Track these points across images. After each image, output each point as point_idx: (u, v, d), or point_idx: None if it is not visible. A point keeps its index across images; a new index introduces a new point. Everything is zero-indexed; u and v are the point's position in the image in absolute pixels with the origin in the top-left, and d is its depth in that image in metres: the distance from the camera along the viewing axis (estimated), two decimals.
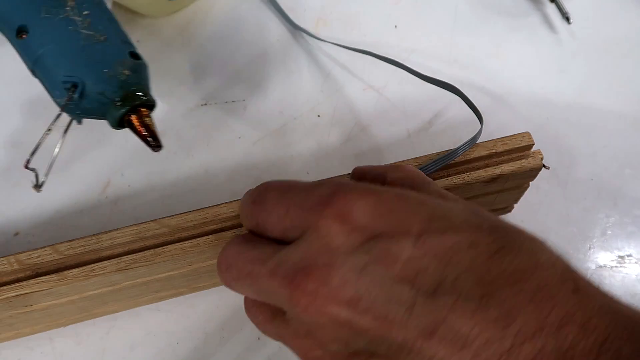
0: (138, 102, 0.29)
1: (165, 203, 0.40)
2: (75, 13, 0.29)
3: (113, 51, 0.30)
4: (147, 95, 0.30)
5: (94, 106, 0.29)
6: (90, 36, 0.29)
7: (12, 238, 0.38)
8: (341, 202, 0.21)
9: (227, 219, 0.32)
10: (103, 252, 0.31)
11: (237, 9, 0.49)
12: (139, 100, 0.29)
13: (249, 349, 0.35)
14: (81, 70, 0.28)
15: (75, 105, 0.29)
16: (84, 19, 0.29)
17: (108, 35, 0.30)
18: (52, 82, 0.29)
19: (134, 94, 0.29)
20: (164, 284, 0.33)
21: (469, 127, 0.42)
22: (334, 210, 0.21)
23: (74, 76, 0.28)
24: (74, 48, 0.29)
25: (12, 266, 0.30)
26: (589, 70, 0.45)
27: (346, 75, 0.45)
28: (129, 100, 0.29)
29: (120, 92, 0.29)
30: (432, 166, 0.32)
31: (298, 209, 0.22)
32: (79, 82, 0.28)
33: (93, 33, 0.29)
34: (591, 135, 0.42)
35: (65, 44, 0.29)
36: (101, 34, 0.29)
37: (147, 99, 0.30)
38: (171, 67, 0.46)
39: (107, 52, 0.29)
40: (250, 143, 0.42)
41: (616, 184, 0.40)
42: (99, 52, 0.29)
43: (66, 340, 0.35)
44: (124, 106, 0.29)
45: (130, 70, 0.29)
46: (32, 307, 0.31)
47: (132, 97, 0.29)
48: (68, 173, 0.41)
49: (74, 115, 0.30)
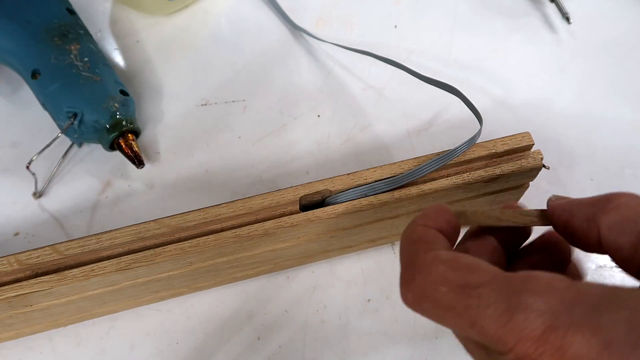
0: (125, 129, 0.38)
1: (165, 203, 0.40)
2: (78, 59, 0.38)
3: (106, 89, 0.38)
4: (132, 124, 0.39)
5: (90, 131, 0.38)
6: (89, 77, 0.38)
7: (12, 238, 0.38)
8: (567, 339, 0.17)
9: (227, 219, 0.32)
10: (103, 252, 0.31)
11: (237, 9, 0.49)
12: (126, 127, 0.38)
13: (249, 349, 0.35)
14: (81, 103, 0.37)
15: (74, 130, 0.37)
16: (84, 64, 0.38)
17: (103, 76, 0.39)
18: (58, 112, 0.38)
19: (122, 123, 0.38)
20: (164, 284, 0.33)
21: (469, 127, 0.42)
22: (551, 351, 0.17)
23: (75, 107, 0.37)
24: (76, 86, 0.37)
25: (12, 266, 0.30)
26: (589, 70, 0.45)
27: (346, 75, 0.45)
28: (118, 128, 0.38)
29: (111, 121, 0.37)
30: (432, 165, 0.32)
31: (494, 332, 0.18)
32: (78, 112, 0.37)
33: (91, 75, 0.38)
34: (591, 135, 0.42)
35: (69, 83, 0.37)
36: (97, 75, 0.38)
37: (132, 126, 0.39)
38: (171, 67, 0.46)
39: (101, 89, 0.38)
40: (250, 143, 0.42)
41: (616, 184, 0.40)
42: (95, 90, 0.38)
43: (66, 340, 0.35)
44: (114, 132, 0.38)
45: (120, 104, 0.38)
46: (32, 307, 0.31)
47: (120, 125, 0.38)
48: (68, 173, 0.41)
49: (73, 138, 0.39)
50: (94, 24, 0.47)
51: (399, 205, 0.32)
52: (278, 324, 0.36)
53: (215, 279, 0.35)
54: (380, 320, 0.36)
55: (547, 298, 0.17)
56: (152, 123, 0.43)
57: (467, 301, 0.19)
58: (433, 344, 0.35)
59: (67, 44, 0.39)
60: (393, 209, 0.33)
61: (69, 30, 0.40)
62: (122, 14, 0.48)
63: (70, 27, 0.40)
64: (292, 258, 0.36)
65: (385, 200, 0.32)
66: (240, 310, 0.36)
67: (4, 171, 0.40)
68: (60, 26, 0.39)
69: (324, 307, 0.36)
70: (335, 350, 0.35)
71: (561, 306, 0.17)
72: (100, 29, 0.47)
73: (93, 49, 0.40)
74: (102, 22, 0.48)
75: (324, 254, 0.37)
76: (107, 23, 0.48)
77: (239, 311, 0.36)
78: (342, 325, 0.36)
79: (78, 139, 0.39)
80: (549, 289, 0.18)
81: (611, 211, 0.20)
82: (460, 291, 0.19)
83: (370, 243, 0.37)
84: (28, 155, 0.38)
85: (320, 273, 0.37)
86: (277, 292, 0.37)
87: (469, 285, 0.19)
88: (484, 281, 0.19)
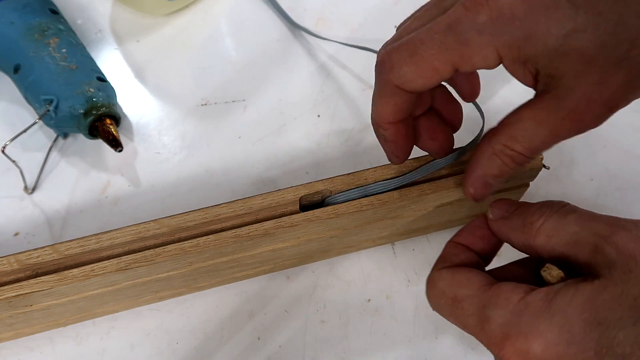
0: (101, 112, 0.39)
1: (165, 203, 0.40)
2: (56, 51, 0.40)
3: (82, 76, 0.40)
4: (108, 108, 0.39)
5: (67, 117, 0.38)
6: (66, 66, 0.39)
7: (12, 238, 0.38)
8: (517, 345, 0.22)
9: (227, 219, 0.32)
10: (103, 252, 0.31)
11: (237, 8, 0.49)
12: (101, 111, 0.39)
13: (249, 349, 0.35)
14: (55, 90, 0.38)
15: (51, 117, 0.39)
16: (62, 55, 0.40)
17: (79, 65, 0.40)
18: (36, 101, 0.39)
19: (97, 106, 0.39)
20: (164, 284, 0.33)
21: (469, 127, 0.42)
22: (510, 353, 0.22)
23: (51, 94, 0.38)
24: (52, 75, 0.39)
25: (12, 266, 0.30)
26: None
27: (346, 75, 0.45)
28: (94, 111, 0.38)
29: (86, 105, 0.38)
30: (437, 165, 0.32)
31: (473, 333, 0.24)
32: (54, 98, 0.38)
33: (68, 64, 0.40)
34: (591, 135, 0.42)
35: (45, 73, 0.39)
36: (74, 64, 0.40)
37: (108, 110, 0.39)
38: (171, 67, 0.46)
39: (77, 76, 0.39)
40: (250, 143, 0.42)
41: (616, 184, 0.40)
42: (71, 77, 0.39)
43: (66, 340, 0.35)
44: (90, 116, 0.38)
45: (96, 89, 0.39)
46: (32, 307, 0.31)
47: (96, 108, 0.39)
48: (68, 173, 0.41)
49: (51, 125, 0.40)
50: (94, 24, 0.48)
51: (399, 205, 0.32)
52: (278, 324, 0.36)
53: (215, 279, 0.35)
54: (380, 320, 0.36)
55: (503, 311, 0.22)
56: (152, 123, 0.43)
57: (457, 311, 0.24)
58: (433, 344, 0.35)
59: (47, 38, 0.40)
60: (393, 209, 0.33)
61: (49, 26, 0.41)
62: (122, 14, 0.48)
63: (50, 24, 0.41)
64: (292, 258, 0.36)
65: (385, 200, 0.32)
66: (240, 310, 0.36)
67: (4, 171, 0.40)
68: (41, 24, 0.41)
69: (324, 307, 0.36)
70: (335, 350, 0.35)
71: (512, 317, 0.22)
72: (100, 29, 0.47)
73: (72, 42, 0.42)
74: (102, 22, 0.48)
75: (324, 254, 0.37)
76: (107, 23, 0.48)
77: (239, 311, 0.36)
78: (342, 325, 0.36)
79: (56, 125, 0.39)
80: (506, 302, 0.23)
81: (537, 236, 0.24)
82: (452, 303, 0.24)
83: (370, 243, 0.37)
84: (24, 155, 0.38)
85: (320, 273, 0.37)
86: (277, 292, 0.37)
87: (457, 298, 0.24)
88: (467, 295, 0.24)
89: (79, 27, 0.47)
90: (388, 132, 0.28)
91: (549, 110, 0.24)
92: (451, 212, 0.35)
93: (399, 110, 0.27)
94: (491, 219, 0.27)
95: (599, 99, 0.23)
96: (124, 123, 0.43)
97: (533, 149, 0.25)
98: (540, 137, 0.25)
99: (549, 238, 0.24)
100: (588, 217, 0.24)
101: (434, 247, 0.38)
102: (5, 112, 0.43)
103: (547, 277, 0.23)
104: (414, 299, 0.36)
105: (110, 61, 0.46)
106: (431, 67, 0.24)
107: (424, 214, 0.34)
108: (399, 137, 0.28)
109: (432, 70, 0.24)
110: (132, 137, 0.43)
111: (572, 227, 0.23)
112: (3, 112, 0.43)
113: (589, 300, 0.21)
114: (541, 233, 0.24)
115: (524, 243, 0.25)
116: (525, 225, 0.25)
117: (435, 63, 0.24)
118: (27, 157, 0.41)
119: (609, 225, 0.23)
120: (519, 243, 0.26)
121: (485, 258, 0.28)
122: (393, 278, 0.37)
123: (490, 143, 0.26)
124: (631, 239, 0.22)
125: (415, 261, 0.37)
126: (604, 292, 0.21)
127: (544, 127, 0.24)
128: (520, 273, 0.26)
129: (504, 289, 0.23)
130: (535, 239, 0.24)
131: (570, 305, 0.21)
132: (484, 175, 0.27)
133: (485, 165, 0.26)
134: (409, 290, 0.37)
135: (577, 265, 0.23)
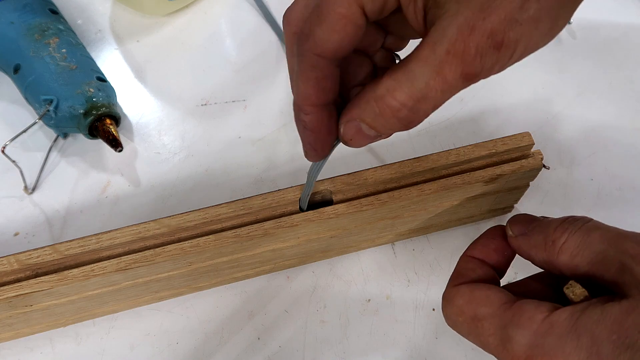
0: (101, 112, 0.39)
1: (165, 203, 0.40)
2: (56, 51, 0.40)
3: (82, 76, 0.40)
4: (108, 108, 0.39)
5: (66, 117, 0.38)
6: (65, 66, 0.39)
7: (12, 238, 0.38)
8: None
9: (227, 219, 0.32)
10: (103, 252, 0.31)
11: (237, 8, 0.49)
12: (101, 111, 0.39)
13: (249, 349, 0.35)
14: (55, 90, 0.38)
15: (51, 117, 0.39)
16: (62, 55, 0.40)
17: (79, 65, 0.40)
18: (36, 101, 0.39)
19: (97, 106, 0.39)
20: (164, 284, 0.33)
21: (469, 127, 0.42)
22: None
23: (51, 94, 0.38)
24: (52, 75, 0.39)
25: (12, 266, 0.30)
26: (589, 70, 0.45)
27: None
28: (94, 111, 0.38)
29: (86, 105, 0.38)
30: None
31: None
32: (54, 98, 0.38)
33: (67, 64, 0.40)
34: (591, 135, 0.42)
35: (45, 73, 0.39)
36: (74, 64, 0.40)
37: (108, 110, 0.39)
38: (171, 67, 0.46)
39: (77, 76, 0.39)
40: (250, 143, 0.42)
41: (616, 184, 0.40)
42: (70, 77, 0.39)
43: (66, 340, 0.35)
44: (89, 116, 0.38)
45: (95, 89, 0.39)
46: (32, 307, 0.31)
47: (96, 108, 0.39)
48: (68, 173, 0.41)
49: (50, 125, 0.40)
50: (94, 24, 0.48)
51: (399, 205, 0.32)
52: (278, 324, 0.36)
53: (215, 279, 0.35)
54: (380, 320, 0.36)
55: (526, 331, 0.22)
56: (152, 123, 0.43)
57: (477, 330, 0.24)
58: (433, 344, 0.35)
59: (46, 38, 0.40)
60: (393, 209, 0.33)
61: (49, 26, 0.41)
62: (122, 14, 0.48)
63: (50, 24, 0.41)
64: (292, 258, 0.36)
65: (385, 200, 0.32)
66: (240, 310, 0.36)
67: (4, 171, 0.40)
68: (41, 24, 0.41)
69: (324, 307, 0.36)
70: (335, 350, 0.35)
71: (536, 338, 0.21)
72: (100, 29, 0.47)
73: (72, 42, 0.42)
74: (102, 22, 0.48)
75: (324, 254, 0.37)
76: (107, 23, 0.48)
77: (239, 311, 0.36)
78: (342, 325, 0.36)
79: (56, 125, 0.40)
80: (530, 322, 0.22)
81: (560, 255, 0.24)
82: (471, 322, 0.24)
83: (370, 243, 0.37)
84: (24, 155, 0.38)
85: (320, 273, 0.37)
86: (277, 292, 0.37)
87: (476, 317, 0.24)
88: (487, 314, 0.23)
89: (79, 27, 0.47)
90: (309, 118, 0.24)
91: (432, 44, 0.20)
92: (451, 212, 0.35)
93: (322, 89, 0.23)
94: (511, 235, 0.26)
95: (481, 27, 0.20)
96: (124, 123, 0.43)
97: (417, 96, 0.21)
98: (424, 79, 0.21)
99: (573, 257, 0.23)
100: (614, 234, 0.23)
101: (434, 247, 0.38)
102: (5, 112, 0.43)
103: (571, 295, 0.22)
104: (413, 299, 0.36)
105: (110, 61, 0.46)
106: (338, 15, 0.21)
107: (424, 214, 0.34)
108: (321, 126, 0.25)
109: (341, 19, 0.21)
110: (132, 137, 0.43)
111: (597, 245, 0.22)
112: (3, 112, 0.43)
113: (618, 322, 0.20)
114: (564, 251, 0.23)
115: (546, 260, 0.24)
116: (547, 242, 0.24)
117: (339, 9, 0.21)
118: (27, 157, 0.41)
119: (637, 243, 0.22)
120: (540, 261, 0.25)
121: (499, 271, 0.27)
122: (393, 278, 0.37)
123: (374, 86, 0.22)
124: None
125: (415, 261, 0.37)
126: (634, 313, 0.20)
127: (428, 65, 0.20)
128: (539, 289, 0.26)
129: (527, 308, 0.22)
130: (558, 257, 0.23)
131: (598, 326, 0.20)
132: (358, 118, 0.23)
133: (362, 107, 0.23)
134: (409, 290, 0.37)
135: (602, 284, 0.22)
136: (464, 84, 0.21)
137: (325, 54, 0.22)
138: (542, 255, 0.24)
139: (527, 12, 0.20)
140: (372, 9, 0.21)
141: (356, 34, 0.22)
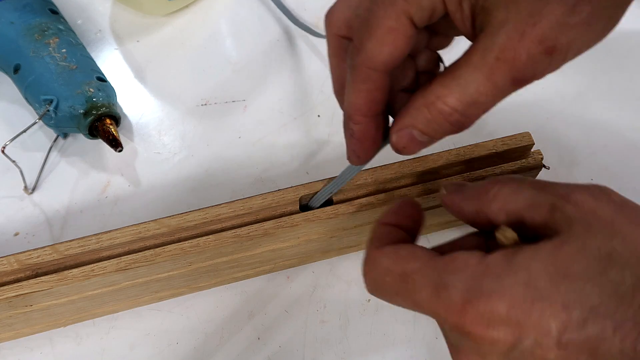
0: (101, 112, 0.39)
1: (165, 203, 0.40)
2: (56, 51, 0.40)
3: (82, 76, 0.40)
4: (108, 108, 0.39)
5: (67, 117, 0.38)
6: (65, 66, 0.39)
7: (12, 238, 0.38)
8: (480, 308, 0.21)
9: (227, 219, 0.32)
10: (103, 252, 0.31)
11: (237, 8, 0.49)
12: (101, 110, 0.39)
13: (249, 349, 0.35)
14: (55, 90, 0.38)
15: (51, 117, 0.39)
16: (62, 55, 0.40)
17: (79, 65, 0.40)
18: (36, 101, 0.39)
19: (97, 106, 0.39)
20: (164, 284, 0.33)
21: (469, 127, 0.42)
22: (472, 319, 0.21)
23: (51, 94, 0.38)
24: (52, 75, 0.39)
25: (12, 266, 0.30)
26: (589, 70, 0.45)
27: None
28: (94, 111, 0.38)
29: (86, 105, 0.38)
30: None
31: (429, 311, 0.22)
32: (54, 98, 0.38)
33: (67, 64, 0.40)
34: (591, 135, 0.42)
35: (45, 73, 0.39)
36: (74, 64, 0.40)
37: (108, 110, 0.39)
38: (171, 67, 0.46)
39: (77, 76, 0.39)
40: (250, 143, 0.42)
41: (616, 184, 0.40)
42: (70, 77, 0.39)
43: (66, 340, 0.35)
44: (89, 116, 0.38)
45: (95, 89, 0.39)
46: (32, 307, 0.31)
47: (96, 108, 0.39)
48: (68, 173, 0.41)
49: (50, 125, 0.40)
50: (94, 24, 0.48)
51: None
52: (278, 324, 0.36)
53: (215, 279, 0.35)
54: (380, 320, 0.36)
55: (461, 275, 0.21)
56: (152, 123, 0.43)
57: (406, 286, 0.23)
58: (433, 344, 0.35)
59: (47, 38, 0.40)
60: None
61: (49, 26, 0.41)
62: (122, 14, 0.48)
63: (50, 24, 0.41)
64: (292, 258, 0.36)
65: (386, 200, 0.32)
66: (240, 310, 0.36)
67: (4, 171, 0.40)
68: (41, 24, 0.41)
69: (324, 307, 0.36)
70: (335, 350, 0.35)
71: (473, 280, 0.21)
72: (100, 29, 0.47)
73: (72, 42, 0.42)
74: (102, 22, 0.48)
75: (324, 254, 0.37)
76: (107, 23, 0.48)
77: (239, 311, 0.36)
78: (342, 325, 0.36)
79: (56, 125, 0.40)
80: (464, 267, 0.21)
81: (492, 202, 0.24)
82: (399, 279, 0.23)
83: None
84: (24, 155, 0.38)
85: (320, 273, 0.37)
86: (277, 292, 0.37)
87: (405, 272, 0.23)
88: (417, 268, 0.22)
89: (79, 27, 0.47)
90: (358, 127, 0.26)
91: (482, 50, 0.21)
92: None
93: (372, 100, 0.24)
94: (444, 194, 0.26)
95: (532, 33, 0.20)
96: (124, 123, 0.43)
97: (468, 100, 0.22)
98: (475, 85, 0.21)
99: (505, 203, 0.23)
100: (545, 182, 0.24)
101: None
102: (5, 112, 0.43)
103: (502, 238, 0.22)
104: None
105: (110, 61, 0.46)
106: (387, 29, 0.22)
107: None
108: (367, 136, 0.26)
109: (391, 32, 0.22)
110: (132, 137, 0.43)
111: (528, 191, 0.23)
112: (3, 112, 0.43)
113: (552, 254, 0.20)
114: (497, 198, 0.23)
115: (478, 210, 0.24)
116: (480, 193, 0.24)
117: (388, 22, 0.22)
118: (27, 157, 0.41)
119: (566, 186, 0.23)
120: (472, 212, 0.24)
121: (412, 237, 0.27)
122: None
123: (424, 93, 0.23)
124: (589, 195, 0.22)
125: None
126: (566, 245, 0.21)
127: (479, 72, 0.21)
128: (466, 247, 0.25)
129: (458, 255, 0.22)
130: (490, 205, 0.23)
131: (533, 261, 0.20)
132: (411, 126, 0.24)
133: (413, 115, 0.23)
134: None
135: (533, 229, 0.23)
136: (514, 88, 0.22)
137: (377, 67, 0.23)
138: (474, 205, 0.24)
139: (579, 16, 0.20)
140: (421, 18, 0.22)
141: (407, 45, 0.22)
